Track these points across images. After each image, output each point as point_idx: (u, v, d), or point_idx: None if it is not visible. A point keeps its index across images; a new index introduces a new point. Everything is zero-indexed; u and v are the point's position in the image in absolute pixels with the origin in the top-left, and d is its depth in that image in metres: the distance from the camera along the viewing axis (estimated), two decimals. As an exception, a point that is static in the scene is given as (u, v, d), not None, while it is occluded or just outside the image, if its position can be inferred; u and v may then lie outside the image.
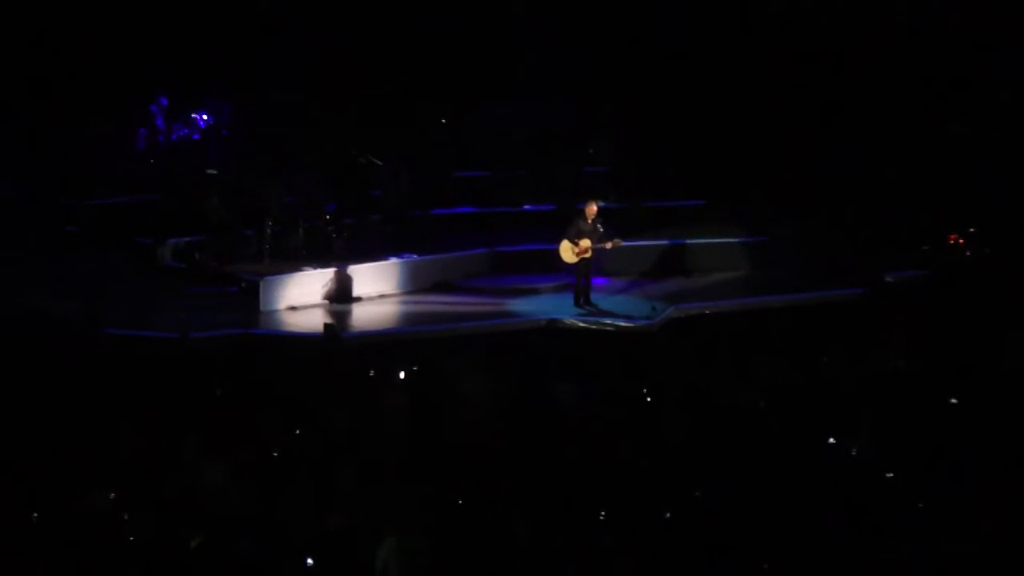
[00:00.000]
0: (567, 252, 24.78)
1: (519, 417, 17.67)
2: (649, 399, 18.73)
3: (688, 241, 27.53)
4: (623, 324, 24.01)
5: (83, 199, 27.79)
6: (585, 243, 24.70)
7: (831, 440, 17.13)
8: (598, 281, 25.59)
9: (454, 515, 14.70)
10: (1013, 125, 28.70)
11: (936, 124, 29.00)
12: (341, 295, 25.26)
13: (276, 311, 24.56)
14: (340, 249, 26.24)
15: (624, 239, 25.27)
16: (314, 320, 23.87)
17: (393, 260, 26.24)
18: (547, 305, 24.99)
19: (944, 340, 21.63)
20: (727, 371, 19.87)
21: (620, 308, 24.82)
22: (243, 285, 25.01)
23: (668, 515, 14.65)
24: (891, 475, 15.98)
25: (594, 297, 24.97)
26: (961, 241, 27.12)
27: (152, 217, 27.18)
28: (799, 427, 17.54)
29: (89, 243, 26.98)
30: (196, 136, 29.26)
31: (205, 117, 29.33)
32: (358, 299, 25.38)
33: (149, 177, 28.47)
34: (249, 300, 24.52)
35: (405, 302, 25.72)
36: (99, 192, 28.01)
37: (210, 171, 27.35)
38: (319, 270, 25.43)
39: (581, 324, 24.07)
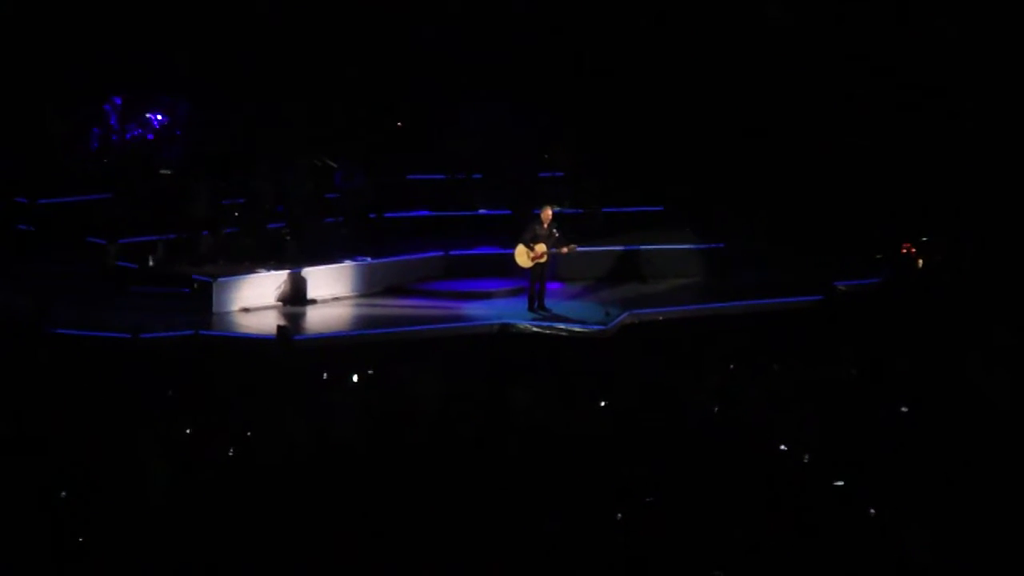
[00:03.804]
0: (522, 256, 24.76)
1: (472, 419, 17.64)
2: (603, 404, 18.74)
3: (644, 247, 27.56)
4: (577, 329, 24.03)
5: (35, 198, 27.57)
6: (541, 248, 24.69)
7: (782, 447, 17.17)
8: (553, 286, 25.59)
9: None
10: (972, 136, 28.81)
11: (893, 133, 29.09)
12: (295, 297, 25.18)
13: (229, 312, 24.46)
14: (293, 251, 26.14)
15: (580, 244, 25.29)
16: (267, 322, 23.78)
17: (347, 263, 26.17)
18: (501, 309, 24.98)
19: (895, 348, 21.71)
20: (680, 376, 19.89)
21: (574, 313, 24.84)
22: (195, 286, 24.89)
23: (619, 516, 14.66)
24: (840, 483, 16.03)
25: (548, 302, 24.97)
26: (914, 250, 27.24)
27: (104, 217, 26.99)
28: (750, 434, 17.56)
29: (41, 242, 26.77)
30: (150, 136, 29.09)
31: (159, 117, 29.17)
32: (312, 301, 25.30)
33: (102, 176, 28.26)
34: (202, 301, 24.41)
35: (359, 305, 25.65)
36: (51, 191, 27.79)
37: (163, 171, 27.19)
38: (273, 272, 25.34)
39: (534, 328, 24.08)
